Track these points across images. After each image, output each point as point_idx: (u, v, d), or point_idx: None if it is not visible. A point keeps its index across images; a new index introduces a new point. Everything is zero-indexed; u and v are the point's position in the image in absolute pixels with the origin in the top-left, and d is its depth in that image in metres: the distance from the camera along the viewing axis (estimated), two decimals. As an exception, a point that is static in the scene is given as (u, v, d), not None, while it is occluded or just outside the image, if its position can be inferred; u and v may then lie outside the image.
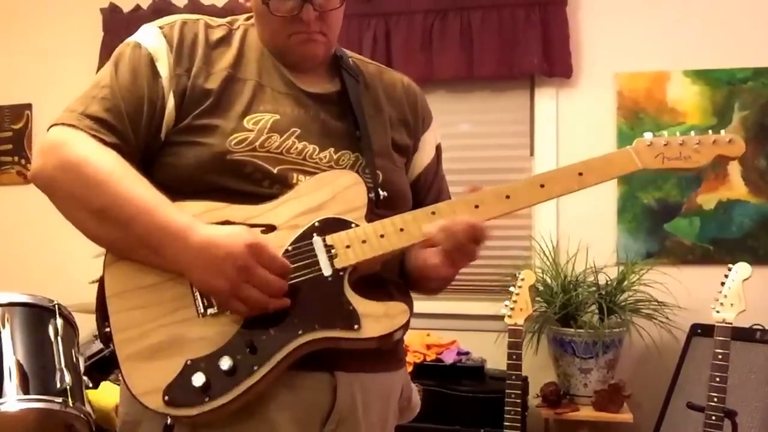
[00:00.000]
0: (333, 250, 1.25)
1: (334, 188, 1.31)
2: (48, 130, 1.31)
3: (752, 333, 2.88)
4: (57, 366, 2.19)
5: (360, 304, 1.23)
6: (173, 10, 3.84)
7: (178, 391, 1.16)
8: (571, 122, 3.47)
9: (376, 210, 1.33)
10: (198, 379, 1.16)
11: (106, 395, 2.54)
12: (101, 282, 1.27)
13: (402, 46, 3.53)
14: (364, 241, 1.26)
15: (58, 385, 2.15)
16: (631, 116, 3.37)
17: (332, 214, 1.28)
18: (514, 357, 2.77)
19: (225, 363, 1.17)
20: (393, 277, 1.42)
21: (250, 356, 1.17)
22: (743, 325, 2.79)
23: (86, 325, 2.82)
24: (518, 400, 2.75)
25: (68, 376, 2.17)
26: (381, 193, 1.35)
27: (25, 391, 2.11)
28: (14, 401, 2.09)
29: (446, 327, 3.37)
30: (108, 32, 3.89)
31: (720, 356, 2.49)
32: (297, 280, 1.23)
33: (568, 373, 3.12)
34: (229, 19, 1.44)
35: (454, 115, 3.61)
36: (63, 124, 1.29)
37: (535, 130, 3.53)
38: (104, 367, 2.68)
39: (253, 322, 1.20)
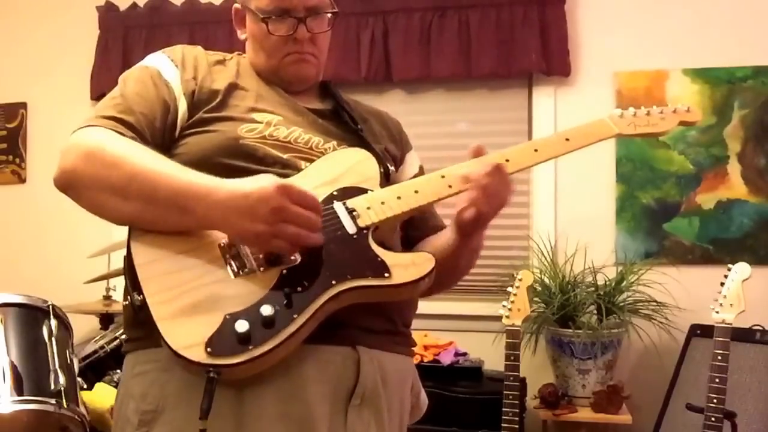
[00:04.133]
0: (355, 212, 1.33)
1: (346, 163, 1.42)
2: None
3: (752, 333, 2.87)
4: (51, 367, 2.18)
5: (387, 255, 1.29)
6: (169, 8, 3.82)
7: (220, 342, 1.17)
8: (570, 121, 3.39)
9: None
10: (241, 326, 1.17)
11: (100, 396, 2.52)
12: (128, 254, 1.30)
13: (400, 44, 3.51)
14: (383, 203, 1.34)
15: (53, 387, 2.14)
16: (630, 115, 3.36)
17: (348, 184, 1.37)
18: (512, 358, 2.76)
19: (266, 310, 1.19)
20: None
21: (287, 308, 1.21)
22: (743, 326, 2.78)
23: (80, 325, 2.81)
24: (516, 402, 2.74)
25: (62, 378, 2.16)
26: (390, 167, 1.46)
27: (19, 392, 2.10)
28: (8, 402, 2.07)
29: (444, 328, 3.35)
30: (104, 30, 3.87)
31: (719, 357, 2.49)
32: (325, 238, 1.28)
33: (567, 374, 3.11)
34: (221, 53, 1.58)
35: (452, 114, 3.59)
36: (80, 128, 1.36)
37: (534, 129, 3.52)
38: (98, 368, 2.67)
39: (286, 278, 1.24)
